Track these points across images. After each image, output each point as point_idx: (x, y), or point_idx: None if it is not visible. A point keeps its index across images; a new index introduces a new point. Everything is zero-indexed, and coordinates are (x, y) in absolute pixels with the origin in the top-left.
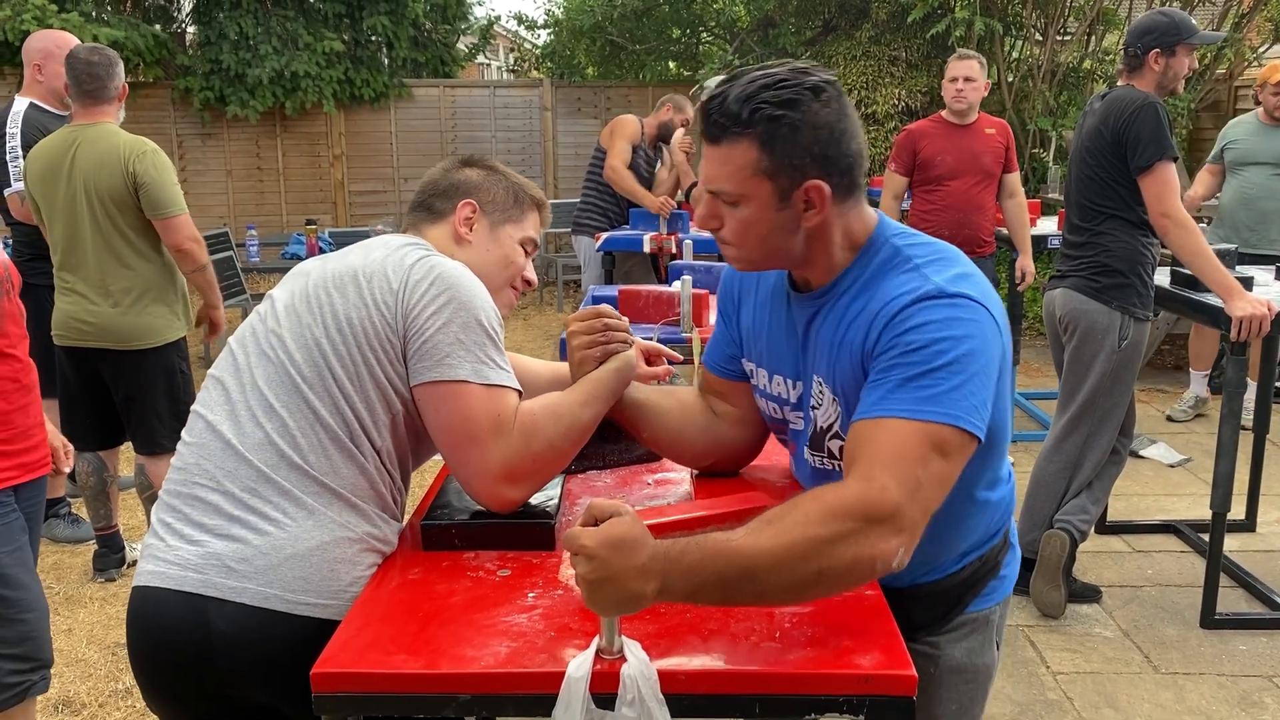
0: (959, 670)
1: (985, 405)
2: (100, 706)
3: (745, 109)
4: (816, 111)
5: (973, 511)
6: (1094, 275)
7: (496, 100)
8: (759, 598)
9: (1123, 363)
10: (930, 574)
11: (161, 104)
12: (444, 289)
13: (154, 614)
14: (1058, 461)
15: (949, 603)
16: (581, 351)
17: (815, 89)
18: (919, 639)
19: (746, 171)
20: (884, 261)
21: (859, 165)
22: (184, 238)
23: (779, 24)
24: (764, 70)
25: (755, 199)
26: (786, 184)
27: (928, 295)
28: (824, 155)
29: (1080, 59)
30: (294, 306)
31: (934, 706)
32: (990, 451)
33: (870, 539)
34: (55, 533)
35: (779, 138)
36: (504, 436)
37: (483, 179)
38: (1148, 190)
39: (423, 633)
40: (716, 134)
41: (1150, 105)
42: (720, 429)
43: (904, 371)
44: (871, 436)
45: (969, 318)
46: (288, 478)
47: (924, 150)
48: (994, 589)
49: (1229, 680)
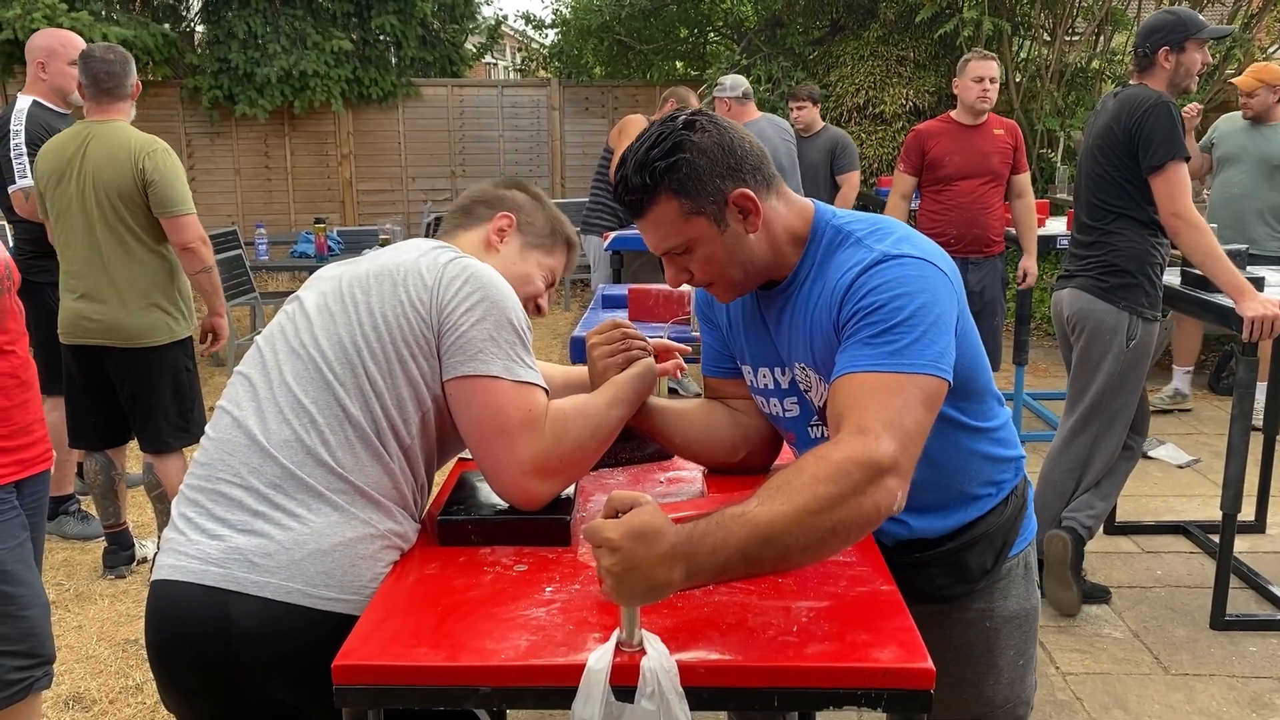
0: (1012, 618)
1: (948, 350)
2: (111, 703)
3: (645, 175)
4: (699, 142)
5: (982, 443)
6: (1102, 275)
7: (504, 100)
8: (780, 562)
9: (1131, 363)
10: (971, 512)
11: (170, 103)
12: (478, 287)
13: (174, 607)
14: (1066, 461)
15: (997, 546)
16: (604, 361)
17: (688, 125)
18: (976, 591)
19: (678, 222)
20: (829, 244)
21: (762, 158)
22: (191, 236)
23: (786, 24)
24: (643, 136)
25: (700, 238)
26: (714, 209)
27: (875, 261)
28: (728, 168)
29: (1088, 59)
30: (326, 305)
31: (997, 656)
32: (970, 385)
33: (874, 488)
34: (65, 530)
35: (684, 179)
36: (535, 432)
37: (527, 203)
38: (1159, 190)
39: (442, 626)
40: (638, 208)
41: (1163, 104)
42: (746, 420)
43: (869, 330)
44: (853, 392)
45: (916, 274)
46: (312, 474)
47: (932, 150)
48: (1026, 527)
49: (1239, 682)
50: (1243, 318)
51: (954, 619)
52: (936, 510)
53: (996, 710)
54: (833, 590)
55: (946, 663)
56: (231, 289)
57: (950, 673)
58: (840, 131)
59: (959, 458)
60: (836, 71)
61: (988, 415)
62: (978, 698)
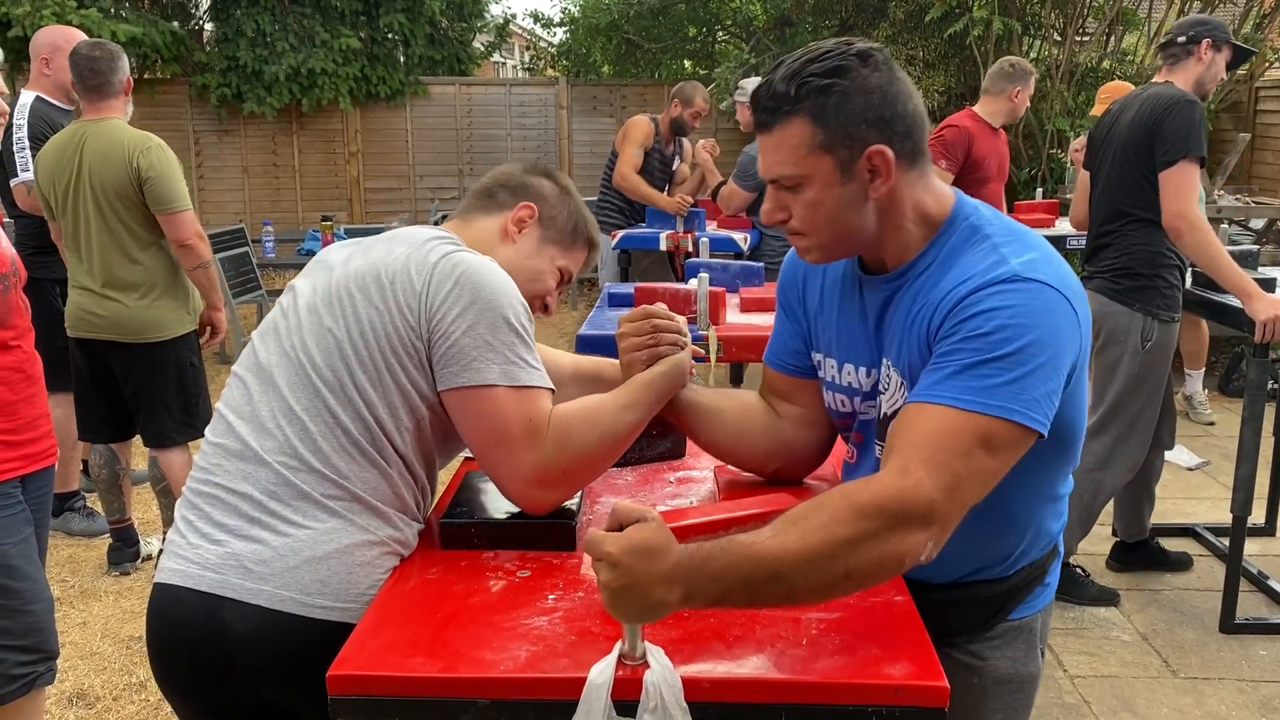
0: (1004, 680)
1: (1051, 397)
2: (114, 700)
3: (791, 86)
4: (865, 77)
5: (1042, 513)
6: (1116, 277)
7: (512, 98)
8: (786, 599)
9: (1149, 365)
10: (977, 573)
11: (178, 100)
12: (468, 288)
13: (171, 611)
14: (1083, 464)
15: (991, 609)
16: (630, 354)
17: (861, 55)
18: (958, 646)
19: (803, 150)
20: (960, 239)
21: (919, 127)
22: (188, 233)
23: (796, 23)
24: (808, 48)
25: (817, 177)
26: (846, 155)
27: (1000, 279)
28: (880, 119)
29: (1099, 59)
30: (315, 306)
31: (980, 718)
32: (1065, 449)
33: (899, 536)
34: (70, 526)
35: (830, 108)
36: (536, 441)
37: (553, 194)
38: (1166, 186)
39: (441, 635)
40: (767, 120)
41: (1189, 102)
42: (785, 430)
43: (964, 358)
44: (916, 423)
45: (1041, 305)
46: (307, 481)
47: (975, 150)
48: (1038, 595)
49: (1249, 685)
50: (1255, 320)
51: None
52: (948, 560)
53: None
54: (844, 601)
55: None
56: (238, 286)
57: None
58: None
59: (1023, 519)
60: None
61: (1065, 480)
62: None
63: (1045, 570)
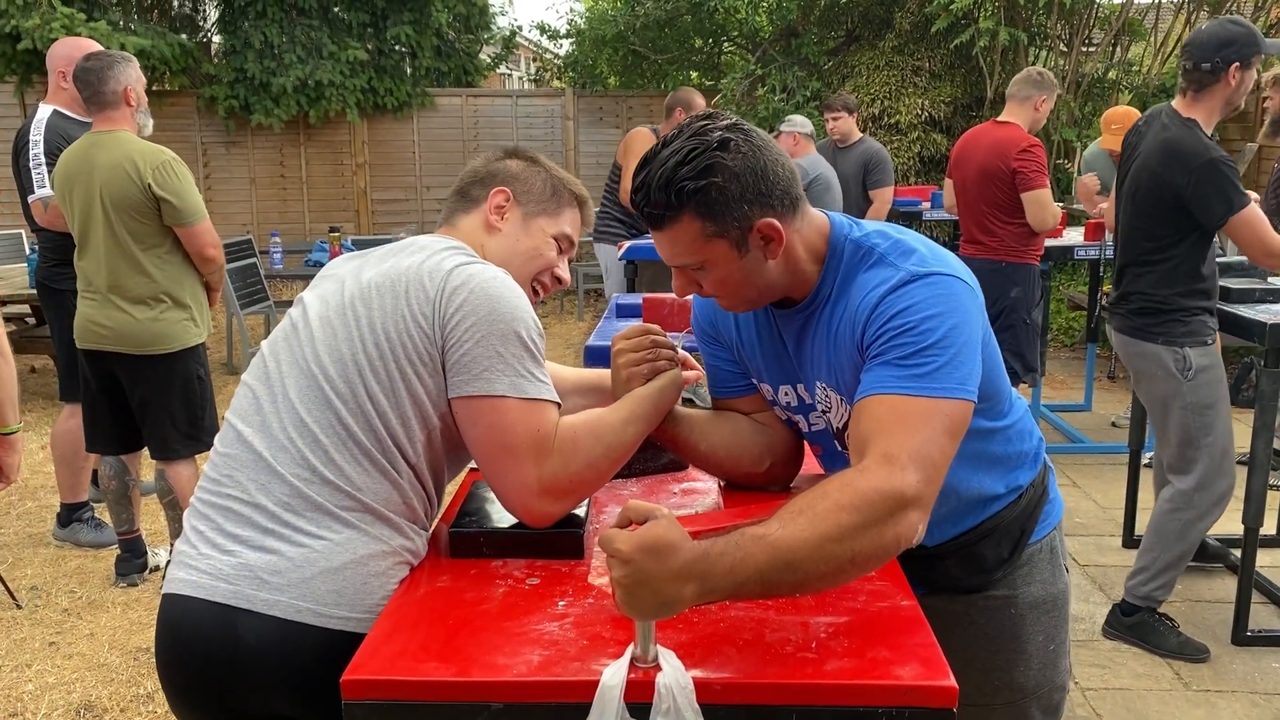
0: (1038, 604)
1: (975, 370)
2: (122, 711)
3: (669, 194)
4: (733, 165)
5: (998, 442)
6: (1132, 314)
7: (519, 109)
8: (797, 588)
9: (1203, 393)
10: (985, 511)
11: (186, 112)
12: (482, 299)
13: (183, 622)
14: (1170, 504)
15: (1014, 535)
16: (628, 369)
17: (722, 144)
18: (994, 583)
19: (698, 241)
20: (850, 261)
21: (791, 178)
22: (207, 244)
23: (801, 34)
24: (671, 149)
25: (717, 259)
26: (738, 234)
27: (902, 281)
28: (758, 194)
29: (1105, 69)
30: (328, 318)
31: (1025, 643)
32: (987, 389)
33: (897, 521)
34: (78, 537)
35: (711, 203)
36: (543, 453)
37: (522, 169)
38: (1237, 238)
39: (453, 640)
40: (656, 222)
41: (1208, 162)
42: (770, 430)
43: (898, 351)
44: (880, 415)
45: (945, 293)
46: (320, 492)
47: None
48: (1048, 514)
49: (1262, 698)
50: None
51: (979, 607)
52: (949, 520)
53: (1030, 696)
54: (852, 605)
55: (975, 651)
56: (246, 297)
57: (980, 660)
58: (877, 145)
59: (979, 466)
60: (851, 82)
61: (1004, 413)
62: (1009, 684)
63: (1046, 488)
